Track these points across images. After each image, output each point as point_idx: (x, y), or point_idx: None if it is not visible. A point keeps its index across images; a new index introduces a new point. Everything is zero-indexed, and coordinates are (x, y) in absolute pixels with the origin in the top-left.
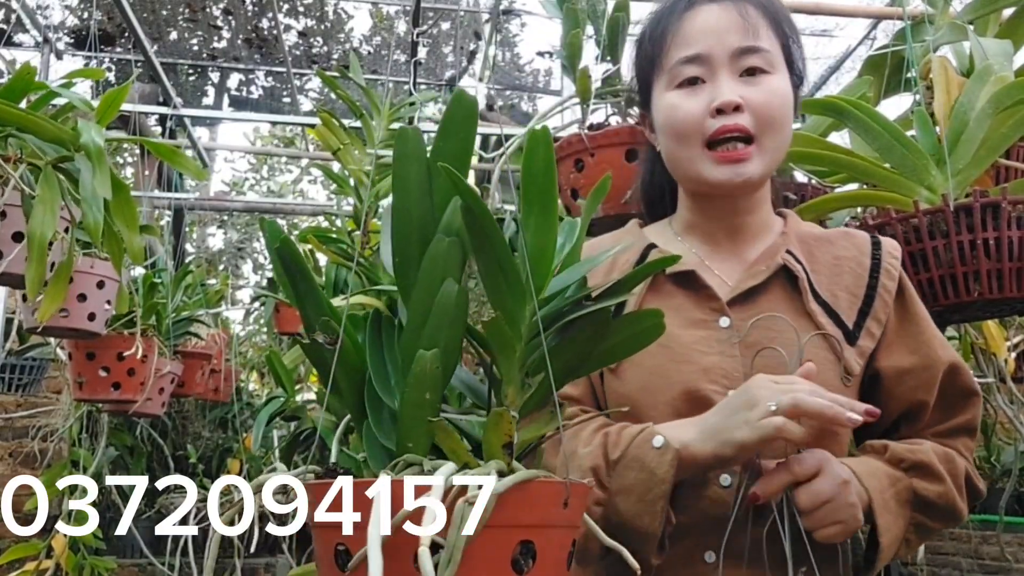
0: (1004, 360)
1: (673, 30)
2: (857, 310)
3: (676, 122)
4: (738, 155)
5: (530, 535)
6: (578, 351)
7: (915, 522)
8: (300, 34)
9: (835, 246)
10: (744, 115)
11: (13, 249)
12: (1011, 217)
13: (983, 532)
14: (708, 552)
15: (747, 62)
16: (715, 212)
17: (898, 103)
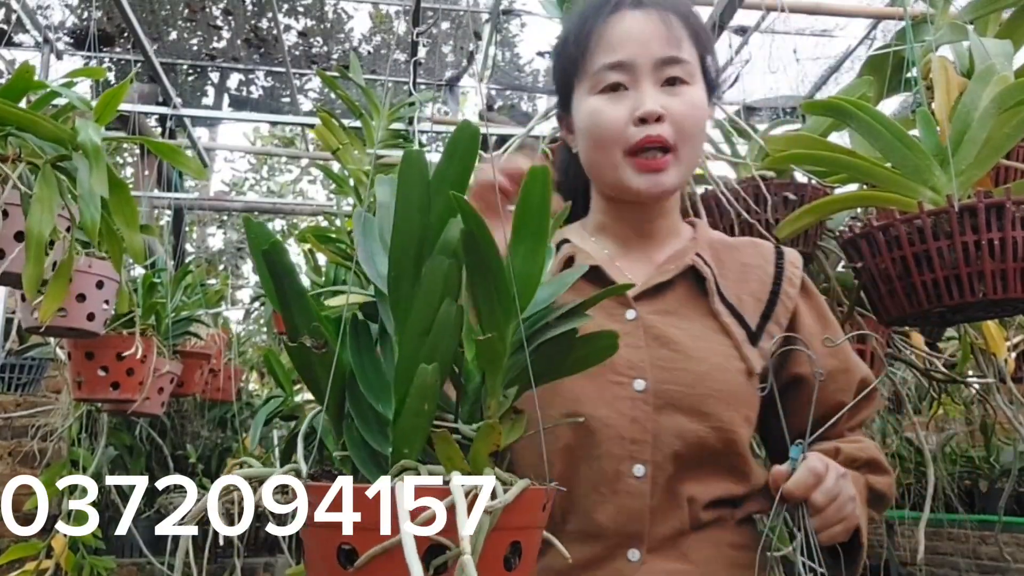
0: (1004, 360)
1: (597, 34)
2: (760, 314)
3: (598, 128)
4: (658, 164)
5: (519, 536)
6: (547, 366)
7: (868, 516)
8: (300, 34)
9: (742, 253)
10: (665, 126)
11: (15, 248)
12: (1015, 217)
13: (981, 532)
14: (631, 550)
15: (669, 72)
16: (628, 216)
17: (898, 103)
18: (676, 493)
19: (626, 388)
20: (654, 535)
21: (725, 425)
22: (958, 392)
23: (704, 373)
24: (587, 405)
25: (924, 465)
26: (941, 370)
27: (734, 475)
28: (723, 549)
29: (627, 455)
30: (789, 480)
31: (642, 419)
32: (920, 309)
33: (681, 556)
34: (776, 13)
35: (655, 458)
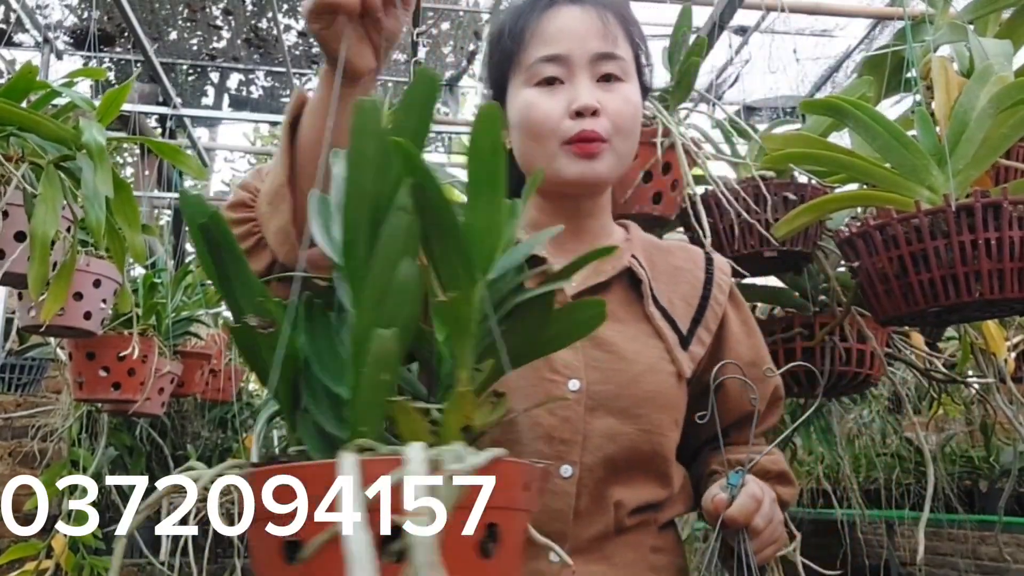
0: (1004, 360)
1: (533, 27)
2: (691, 318)
3: (534, 120)
4: (592, 149)
5: (495, 517)
6: (524, 338)
7: None
8: (300, 34)
9: (674, 257)
10: (601, 120)
11: (16, 248)
12: (1012, 217)
13: (981, 532)
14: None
15: (605, 68)
16: (561, 212)
17: (898, 103)
18: (603, 497)
19: (560, 387)
20: (577, 537)
21: (655, 429)
22: (958, 392)
23: (637, 375)
24: (520, 401)
25: (924, 465)
26: (941, 370)
27: (660, 480)
28: (645, 553)
29: (555, 455)
30: (732, 507)
31: (574, 419)
32: (917, 309)
33: (604, 559)
34: (776, 13)
35: (584, 459)
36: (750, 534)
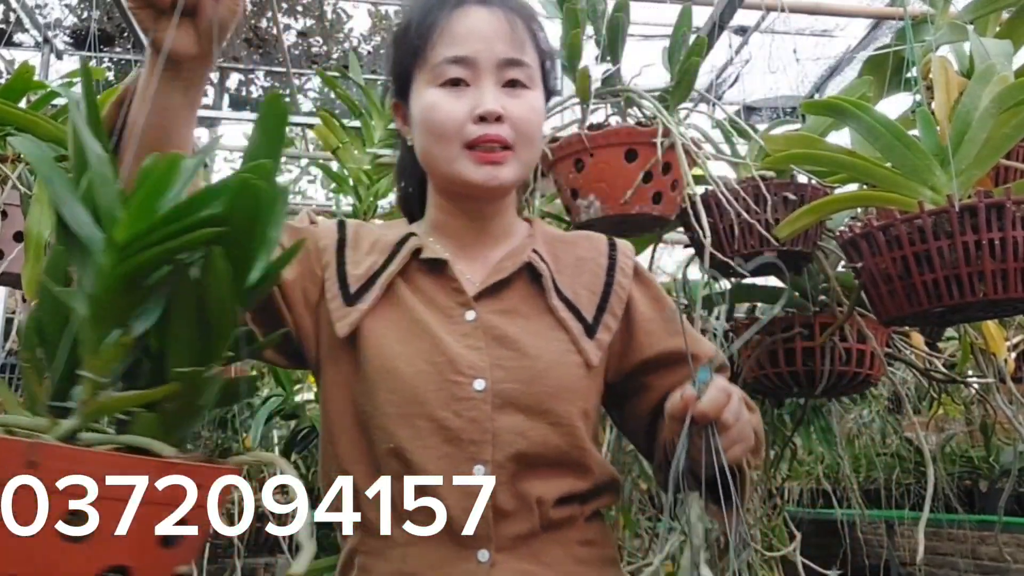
0: (1004, 360)
1: (440, 26)
2: (596, 306)
3: (437, 121)
4: (496, 157)
5: None
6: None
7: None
8: (300, 34)
9: (577, 247)
10: (504, 126)
11: (15, 248)
12: (1016, 217)
13: (981, 532)
14: (480, 551)
15: (511, 74)
16: (464, 213)
17: (899, 102)
18: (523, 494)
19: (465, 388)
20: (502, 535)
21: (564, 421)
22: (958, 392)
23: (542, 370)
24: (426, 405)
25: (924, 465)
26: (941, 370)
27: (577, 471)
28: (573, 548)
29: (467, 456)
30: (702, 401)
31: (481, 419)
32: (920, 309)
33: (532, 556)
34: (776, 13)
35: (495, 458)
36: (719, 429)
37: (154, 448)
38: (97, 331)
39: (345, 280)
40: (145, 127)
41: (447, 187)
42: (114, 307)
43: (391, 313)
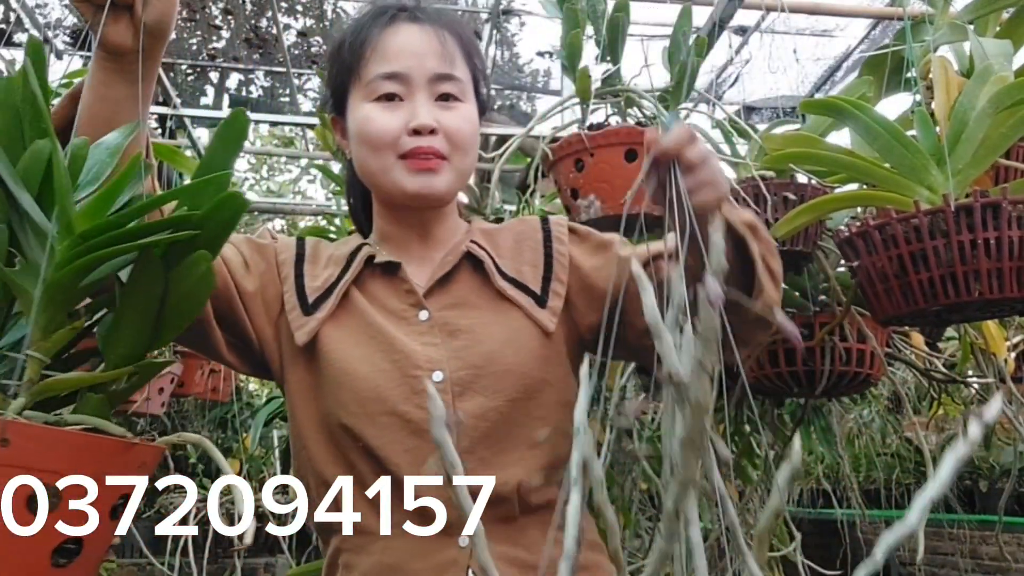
0: (1004, 360)
1: (373, 44)
2: (541, 277)
3: (372, 134)
4: (430, 165)
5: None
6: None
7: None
8: (299, 34)
9: (513, 231)
10: (438, 138)
11: None
12: (1011, 217)
13: (982, 532)
14: (461, 536)
15: (443, 88)
16: (407, 222)
17: (898, 102)
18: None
19: (423, 381)
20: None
21: (525, 395)
22: (958, 392)
23: (496, 350)
24: (387, 401)
25: (924, 465)
26: (941, 370)
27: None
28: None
29: (432, 447)
30: (663, 138)
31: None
32: (917, 308)
33: (511, 539)
34: (776, 13)
35: (461, 444)
36: (683, 168)
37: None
38: (48, 313)
39: (303, 291)
40: (90, 117)
41: (387, 198)
42: (68, 292)
43: (348, 320)
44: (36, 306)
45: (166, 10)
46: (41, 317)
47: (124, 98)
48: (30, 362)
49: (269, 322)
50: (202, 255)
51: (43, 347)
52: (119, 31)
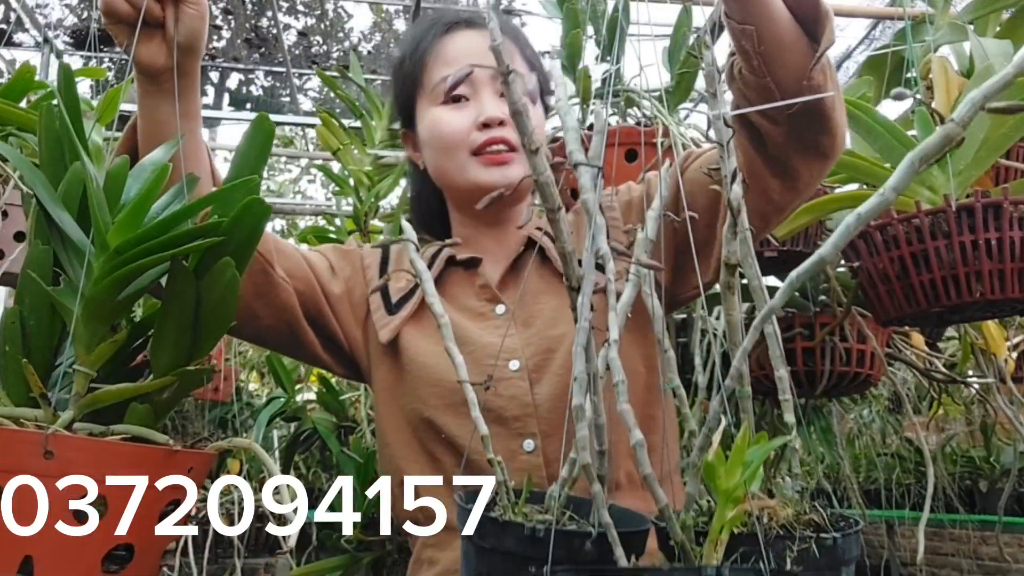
0: (1004, 360)
1: (434, 52)
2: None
3: (444, 134)
4: (503, 158)
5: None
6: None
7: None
8: (300, 33)
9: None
10: (507, 129)
11: (15, 249)
12: (1013, 217)
13: (982, 532)
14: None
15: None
16: (483, 219)
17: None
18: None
19: (501, 369)
20: None
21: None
22: (958, 392)
23: (566, 334)
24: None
25: (924, 465)
26: (941, 370)
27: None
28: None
29: (514, 433)
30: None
31: (520, 395)
32: (918, 309)
33: None
34: None
35: (542, 429)
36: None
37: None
38: (90, 328)
39: (387, 292)
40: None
41: (465, 197)
42: (107, 306)
43: (427, 320)
44: (77, 322)
45: (197, 26)
46: (83, 332)
47: (171, 115)
48: (76, 376)
49: (357, 324)
50: (226, 262)
51: (87, 361)
52: (152, 50)
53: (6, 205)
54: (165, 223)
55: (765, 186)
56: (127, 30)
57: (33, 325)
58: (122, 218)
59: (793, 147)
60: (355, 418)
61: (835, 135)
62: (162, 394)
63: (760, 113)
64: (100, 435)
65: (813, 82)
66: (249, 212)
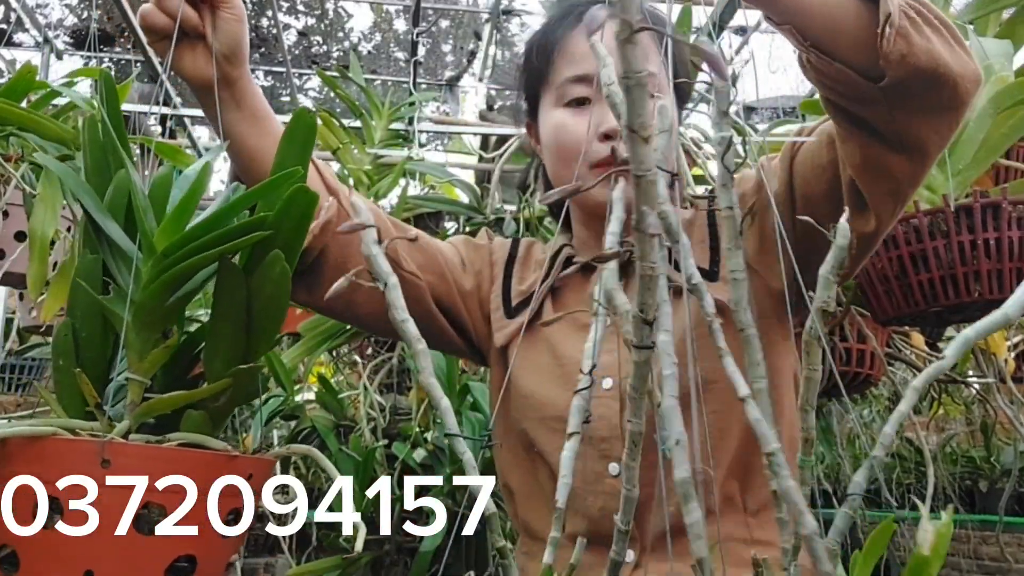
0: (1004, 360)
1: (561, 47)
2: (709, 248)
3: (564, 143)
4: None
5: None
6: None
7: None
8: (300, 33)
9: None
10: None
11: (16, 248)
12: (1011, 217)
13: (982, 532)
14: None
15: None
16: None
17: None
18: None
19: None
20: (646, 534)
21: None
22: (958, 392)
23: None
24: (557, 406)
25: (924, 465)
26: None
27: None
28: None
29: (601, 454)
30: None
31: (609, 416)
32: (917, 309)
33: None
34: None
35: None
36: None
37: (208, 443)
38: (142, 335)
39: (509, 294)
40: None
41: (582, 207)
42: (157, 312)
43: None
44: (128, 329)
45: (236, 30)
46: (135, 340)
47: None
48: (131, 385)
49: (484, 319)
50: (276, 256)
51: (141, 368)
52: (197, 62)
53: (7, 205)
54: (210, 222)
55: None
56: (168, 44)
57: (85, 337)
58: (167, 221)
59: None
60: (354, 417)
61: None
62: (218, 400)
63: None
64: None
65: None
66: (295, 203)
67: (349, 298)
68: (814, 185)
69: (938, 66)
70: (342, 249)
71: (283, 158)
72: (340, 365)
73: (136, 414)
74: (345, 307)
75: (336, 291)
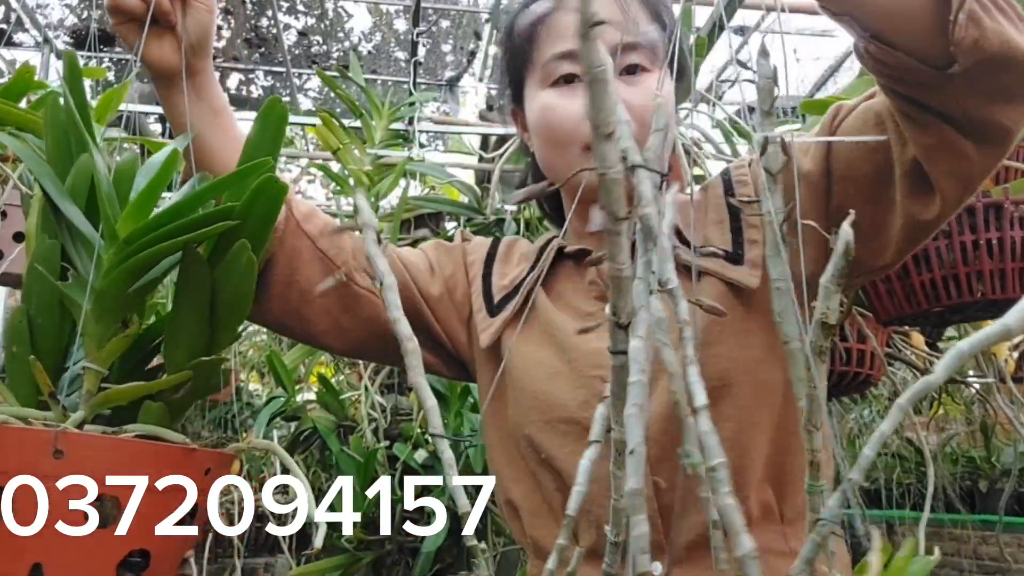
0: (1004, 360)
1: (545, 21)
2: (730, 230)
3: (552, 125)
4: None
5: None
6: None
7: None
8: (300, 33)
9: (704, 194)
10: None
11: (14, 249)
12: (1014, 217)
13: (982, 532)
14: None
15: (627, 59)
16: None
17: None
18: (690, 489)
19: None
20: (676, 544)
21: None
22: (958, 392)
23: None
24: (566, 407)
25: (924, 465)
26: None
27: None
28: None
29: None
30: None
31: None
32: (919, 309)
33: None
34: (776, 13)
35: (652, 452)
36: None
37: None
38: (101, 324)
39: (490, 292)
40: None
41: (571, 195)
42: (118, 300)
43: (532, 321)
44: (87, 317)
45: (206, 21)
46: (94, 328)
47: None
48: (87, 374)
49: (461, 325)
50: (242, 245)
51: (98, 358)
52: (164, 50)
53: (5, 205)
54: (175, 210)
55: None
56: (136, 29)
57: (41, 324)
58: (131, 208)
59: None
60: (355, 418)
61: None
62: (177, 392)
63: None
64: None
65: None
66: (263, 193)
67: (301, 313)
68: (858, 167)
69: (1009, 49)
70: (289, 261)
71: (253, 148)
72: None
73: (92, 404)
74: (297, 322)
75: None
